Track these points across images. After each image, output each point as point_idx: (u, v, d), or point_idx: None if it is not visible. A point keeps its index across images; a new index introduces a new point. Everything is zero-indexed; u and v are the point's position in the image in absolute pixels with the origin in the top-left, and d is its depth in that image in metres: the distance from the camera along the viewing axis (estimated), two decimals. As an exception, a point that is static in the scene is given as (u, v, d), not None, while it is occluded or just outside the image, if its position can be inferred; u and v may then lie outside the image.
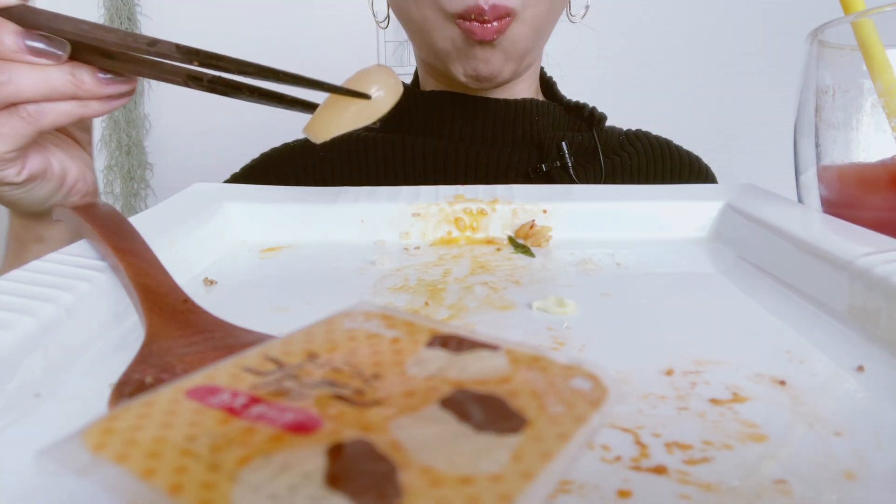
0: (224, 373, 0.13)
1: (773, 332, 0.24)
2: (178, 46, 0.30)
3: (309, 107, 0.33)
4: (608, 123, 0.66)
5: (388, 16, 0.64)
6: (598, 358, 0.21)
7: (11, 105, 0.32)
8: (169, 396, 0.12)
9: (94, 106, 0.34)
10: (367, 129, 0.69)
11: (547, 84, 0.67)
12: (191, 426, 0.12)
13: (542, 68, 0.68)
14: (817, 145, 0.35)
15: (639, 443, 0.16)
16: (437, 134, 0.61)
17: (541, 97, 0.66)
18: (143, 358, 0.19)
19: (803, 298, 0.26)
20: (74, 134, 0.41)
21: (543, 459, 0.11)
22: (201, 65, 0.30)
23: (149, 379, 0.17)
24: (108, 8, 1.50)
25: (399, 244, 0.36)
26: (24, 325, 0.19)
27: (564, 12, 0.62)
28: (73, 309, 0.21)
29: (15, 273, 0.23)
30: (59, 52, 0.31)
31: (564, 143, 0.59)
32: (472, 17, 0.50)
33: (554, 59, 0.71)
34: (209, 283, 0.29)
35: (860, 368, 0.20)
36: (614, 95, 1.51)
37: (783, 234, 0.30)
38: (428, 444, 0.11)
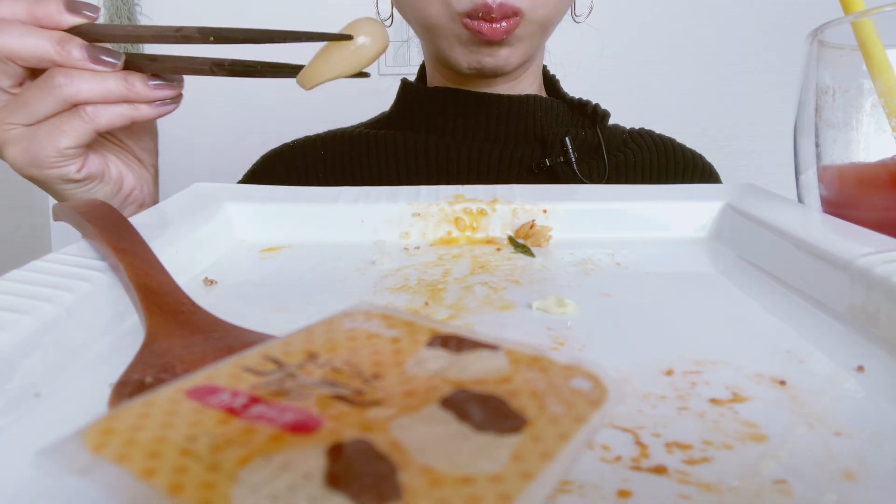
0: (224, 373, 0.13)
1: (773, 332, 0.24)
2: (197, 28, 0.36)
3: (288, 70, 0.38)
4: (610, 122, 0.66)
5: (391, 14, 0.64)
6: (598, 358, 0.21)
7: (73, 106, 0.37)
8: (169, 396, 0.12)
9: (145, 109, 0.38)
10: (369, 126, 0.69)
11: (550, 82, 0.68)
12: (191, 426, 0.12)
13: (545, 66, 0.68)
14: (817, 145, 0.35)
15: (639, 443, 0.16)
16: (440, 131, 0.61)
17: (544, 94, 0.66)
18: (143, 358, 0.19)
19: (803, 298, 0.26)
20: (136, 152, 0.45)
21: (543, 459, 0.11)
22: (216, 40, 0.36)
23: (149, 379, 0.17)
24: (107, 8, 1.50)
25: (399, 244, 0.36)
26: (23, 324, 0.19)
27: (569, 12, 0.62)
28: (73, 309, 0.21)
29: (15, 273, 0.23)
30: (116, 62, 0.37)
31: (568, 138, 0.59)
32: (480, 15, 0.50)
33: (557, 59, 0.71)
34: (209, 283, 0.29)
35: (860, 368, 0.20)
36: (616, 95, 1.51)
37: (783, 234, 0.30)
38: (428, 444, 0.11)
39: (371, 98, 0.77)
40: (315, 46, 0.36)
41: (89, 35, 0.37)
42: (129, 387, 0.17)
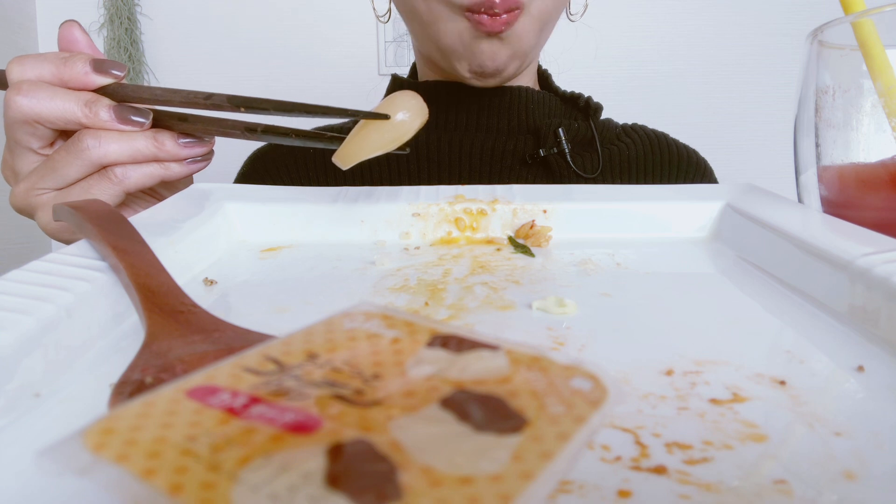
0: (224, 373, 0.13)
1: (773, 332, 0.24)
2: (227, 97, 0.35)
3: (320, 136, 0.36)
4: (604, 118, 0.66)
5: (388, 10, 0.64)
6: (598, 358, 0.21)
7: (102, 168, 0.36)
8: (169, 396, 0.12)
9: (175, 168, 0.38)
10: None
11: (542, 76, 0.68)
12: (191, 426, 0.12)
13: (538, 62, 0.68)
14: (817, 145, 0.35)
15: (639, 443, 0.16)
16: (433, 124, 0.61)
17: (537, 87, 0.66)
18: (143, 358, 0.19)
19: (803, 298, 0.26)
20: (162, 194, 0.44)
21: (543, 459, 0.11)
22: (246, 109, 0.35)
23: (149, 379, 0.17)
24: (107, 8, 1.50)
25: (399, 244, 0.36)
26: (23, 325, 0.19)
27: (564, 11, 0.62)
28: (73, 309, 0.21)
29: (15, 273, 0.23)
30: (144, 121, 0.36)
31: (561, 129, 0.59)
32: (482, 9, 0.50)
33: (552, 57, 0.71)
34: (209, 283, 0.29)
35: (860, 368, 0.20)
36: (612, 94, 1.51)
37: (783, 234, 0.30)
38: (428, 444, 0.11)
39: (373, 97, 0.77)
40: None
41: (117, 95, 0.37)
42: (129, 387, 0.17)
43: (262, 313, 0.26)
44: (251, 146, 0.67)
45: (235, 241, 0.36)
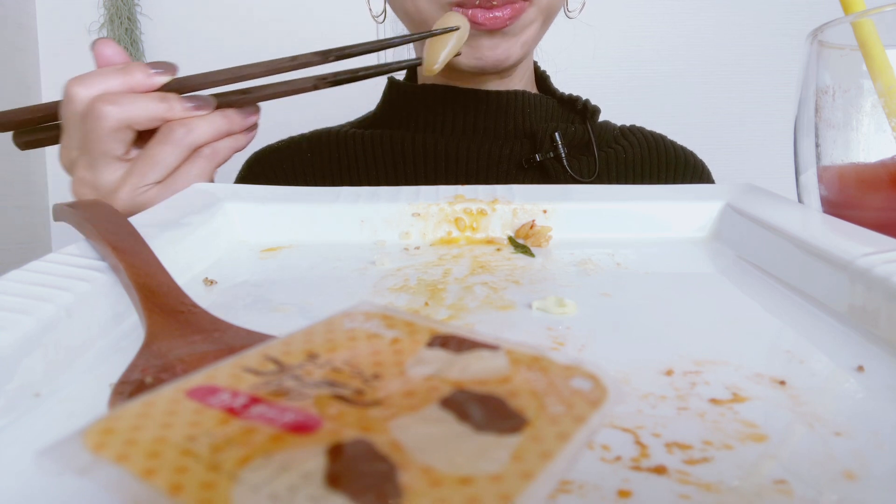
0: (224, 373, 0.13)
1: (773, 332, 0.24)
2: (314, 53, 0.42)
3: (387, 70, 0.46)
4: (603, 119, 0.66)
5: (384, 10, 0.64)
6: (598, 358, 0.21)
7: (194, 151, 0.41)
8: (169, 396, 0.12)
9: (241, 139, 0.43)
10: (356, 125, 0.69)
11: (541, 78, 0.67)
12: (191, 426, 0.12)
13: (535, 62, 0.68)
14: (817, 145, 0.35)
15: (639, 443, 0.16)
16: (428, 128, 0.61)
17: (534, 90, 0.66)
18: (143, 358, 0.19)
19: (803, 298, 0.26)
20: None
21: (543, 459, 0.11)
22: (336, 59, 0.42)
23: (149, 379, 0.17)
24: (108, 8, 1.50)
25: (399, 244, 0.36)
26: (23, 325, 0.19)
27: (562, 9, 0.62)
28: (73, 309, 0.21)
29: (15, 273, 0.23)
30: (211, 103, 0.41)
31: (558, 133, 0.59)
32: (477, 3, 0.49)
33: (549, 56, 0.71)
34: (209, 283, 0.29)
35: (860, 368, 0.20)
36: (611, 94, 1.51)
37: (783, 234, 0.30)
38: (428, 444, 0.11)
39: (373, 97, 0.77)
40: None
41: (182, 89, 0.41)
42: (129, 387, 0.17)
43: (262, 313, 0.26)
44: (255, 148, 0.67)
45: (235, 241, 0.36)
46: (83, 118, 0.39)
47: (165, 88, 0.40)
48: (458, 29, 0.45)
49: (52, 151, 1.57)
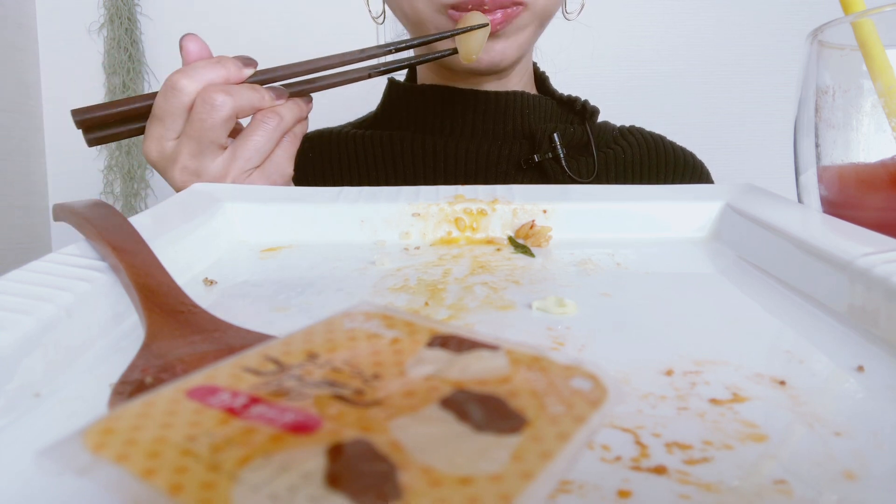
0: (224, 373, 0.13)
1: (773, 332, 0.24)
2: (377, 46, 0.48)
3: (426, 60, 0.51)
4: (602, 119, 0.66)
5: (383, 11, 0.64)
6: (598, 358, 0.21)
7: (282, 135, 0.44)
8: (169, 396, 0.12)
9: (305, 125, 0.47)
10: (356, 126, 0.70)
11: (540, 78, 0.67)
12: (191, 426, 0.12)
13: (535, 63, 0.68)
14: (817, 145, 0.35)
15: (639, 443, 0.16)
16: (427, 129, 0.61)
17: (534, 91, 0.66)
18: (143, 358, 0.19)
19: (803, 298, 0.26)
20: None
21: (543, 459, 0.11)
22: (396, 50, 0.48)
23: (149, 379, 0.17)
24: (108, 8, 1.50)
25: (399, 244, 0.36)
26: (23, 325, 0.19)
27: (560, 9, 0.62)
28: (73, 309, 0.21)
29: (15, 273, 0.23)
30: (285, 93, 0.45)
31: (556, 134, 0.59)
32: (470, 7, 0.50)
33: (548, 56, 0.71)
34: (209, 283, 0.29)
35: (860, 368, 0.20)
36: (610, 94, 1.51)
37: (783, 234, 0.30)
38: (428, 444, 0.11)
39: (373, 97, 0.77)
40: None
41: (265, 81, 0.45)
42: (129, 387, 0.17)
43: (262, 313, 0.26)
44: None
45: (235, 241, 0.36)
46: (192, 108, 0.41)
47: (249, 80, 0.44)
48: (487, 25, 0.49)
49: (52, 152, 1.57)
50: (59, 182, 1.56)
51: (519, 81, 0.63)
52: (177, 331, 0.21)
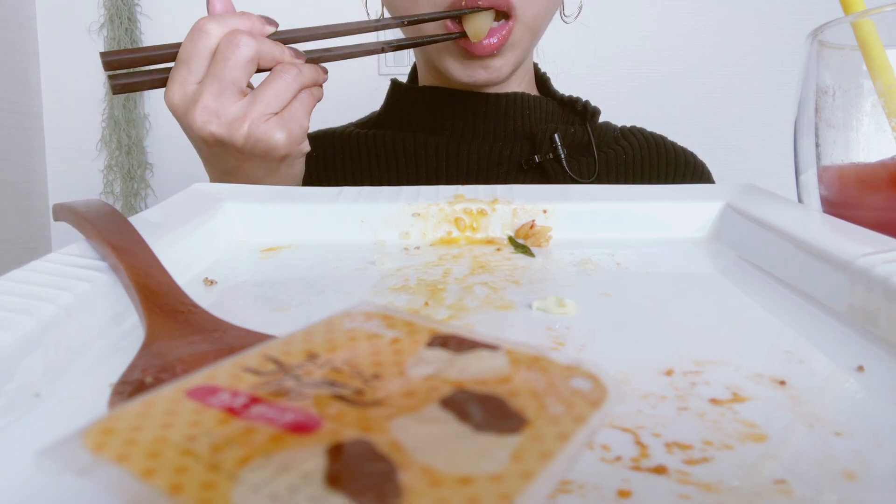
0: (224, 373, 0.13)
1: (773, 332, 0.24)
2: (391, 18, 0.51)
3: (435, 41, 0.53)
4: (602, 120, 0.66)
5: (381, 13, 0.65)
6: (598, 358, 0.21)
7: (300, 90, 0.45)
8: (169, 396, 0.12)
9: (320, 91, 0.48)
10: (359, 126, 0.70)
11: (541, 79, 0.68)
12: (191, 426, 0.12)
13: (536, 64, 0.68)
14: (817, 145, 0.35)
15: (639, 443, 0.16)
16: (429, 130, 0.61)
17: (535, 92, 0.66)
18: (143, 358, 0.19)
19: (803, 298, 0.26)
20: None
21: (543, 459, 0.11)
22: (410, 24, 0.51)
23: (149, 379, 0.17)
24: (108, 8, 1.50)
25: (399, 244, 0.36)
26: (23, 325, 0.19)
27: (558, 13, 0.62)
28: (73, 309, 0.21)
29: (15, 273, 0.23)
30: (303, 55, 0.47)
31: (557, 135, 0.59)
32: (464, 3, 0.51)
33: (550, 58, 0.71)
34: (209, 283, 0.29)
35: (860, 368, 0.20)
36: (611, 94, 1.51)
37: (783, 234, 0.30)
38: (428, 444, 0.11)
39: (375, 97, 0.77)
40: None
41: (289, 40, 0.47)
42: (129, 387, 0.17)
43: (262, 313, 0.26)
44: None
45: (235, 241, 0.36)
46: (218, 49, 0.43)
47: (284, 39, 0.46)
48: (490, 9, 0.51)
49: (52, 152, 1.57)
50: (59, 182, 1.56)
51: (520, 83, 0.63)
52: (177, 331, 0.21)
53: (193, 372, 0.13)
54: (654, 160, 0.64)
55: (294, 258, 0.33)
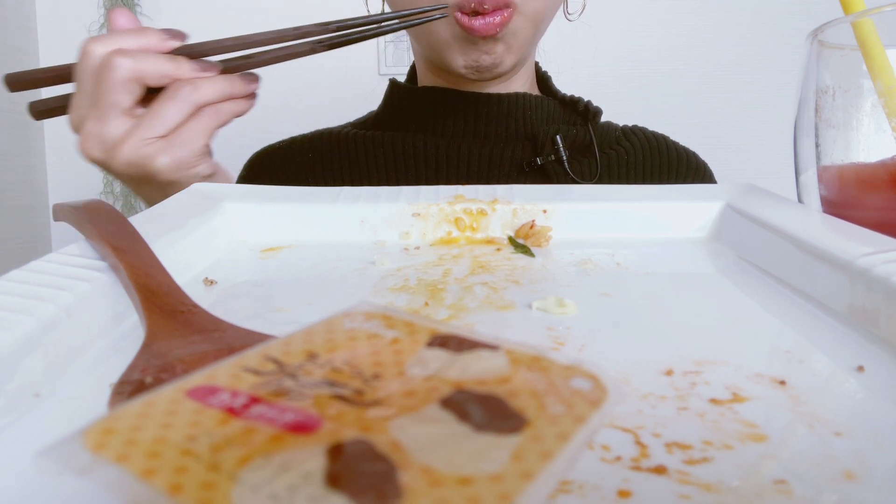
0: (224, 373, 0.13)
1: (773, 332, 0.24)
2: (315, 24, 0.45)
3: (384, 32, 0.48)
4: (605, 120, 0.66)
5: (381, 11, 0.64)
6: (598, 358, 0.21)
7: (198, 109, 0.42)
8: (169, 396, 0.12)
9: (243, 104, 0.44)
10: (356, 126, 0.69)
11: (542, 79, 0.67)
12: (191, 426, 0.12)
13: (537, 63, 0.68)
14: (817, 145, 0.35)
15: (639, 443, 0.16)
16: (429, 130, 0.61)
17: (536, 92, 0.66)
18: (143, 358, 0.19)
19: (803, 298, 0.26)
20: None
21: (543, 459, 0.11)
22: (337, 28, 0.45)
23: (149, 379, 0.17)
24: (108, 8, 1.50)
25: (399, 244, 0.36)
26: (23, 325, 0.19)
27: (561, 10, 0.62)
28: (73, 309, 0.21)
29: (15, 273, 0.23)
30: (216, 67, 0.43)
31: (559, 136, 0.59)
32: (472, 6, 0.50)
33: (551, 57, 0.71)
34: (209, 283, 0.29)
35: (860, 368, 0.20)
36: (612, 94, 1.51)
37: (783, 234, 0.30)
38: (428, 444, 0.11)
39: (375, 97, 0.77)
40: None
41: (192, 54, 0.43)
42: (129, 387, 0.17)
43: (262, 313, 0.26)
44: (250, 150, 0.67)
45: (235, 241, 0.36)
46: (97, 71, 0.40)
47: (176, 53, 0.42)
48: (445, 8, 0.47)
49: (52, 152, 1.57)
50: (59, 182, 1.56)
51: (522, 83, 0.63)
52: (177, 331, 0.21)
53: (193, 372, 0.13)
54: (657, 160, 0.64)
55: (294, 258, 0.33)
